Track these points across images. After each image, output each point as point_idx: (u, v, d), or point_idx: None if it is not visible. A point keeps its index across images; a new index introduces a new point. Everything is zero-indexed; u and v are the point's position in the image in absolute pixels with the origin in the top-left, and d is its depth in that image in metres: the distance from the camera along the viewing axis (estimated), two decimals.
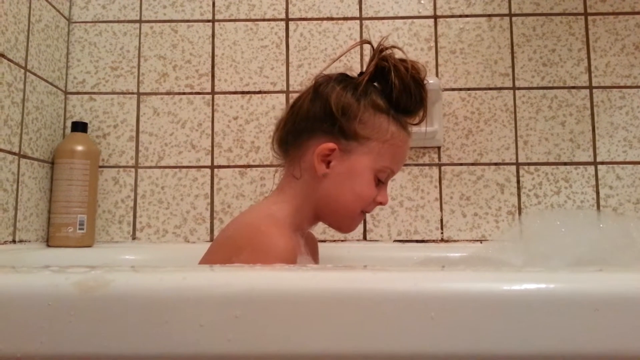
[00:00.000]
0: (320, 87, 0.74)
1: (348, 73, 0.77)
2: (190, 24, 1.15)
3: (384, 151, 0.72)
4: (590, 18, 1.13)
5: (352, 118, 0.71)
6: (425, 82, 0.74)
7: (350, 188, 0.72)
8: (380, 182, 0.74)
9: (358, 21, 1.14)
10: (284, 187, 0.76)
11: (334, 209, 0.74)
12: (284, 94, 1.12)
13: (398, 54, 0.75)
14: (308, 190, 0.73)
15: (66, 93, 1.13)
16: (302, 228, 0.76)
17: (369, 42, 0.78)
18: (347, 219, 0.75)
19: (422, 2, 1.14)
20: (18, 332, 0.37)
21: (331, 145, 0.71)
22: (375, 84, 0.75)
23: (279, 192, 0.76)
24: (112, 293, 0.38)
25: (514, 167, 1.10)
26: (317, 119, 0.72)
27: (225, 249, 0.69)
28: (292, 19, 1.15)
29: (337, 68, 0.79)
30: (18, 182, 0.93)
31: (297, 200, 0.73)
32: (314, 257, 0.86)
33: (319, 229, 1.04)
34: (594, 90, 1.11)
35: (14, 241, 0.92)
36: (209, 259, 0.73)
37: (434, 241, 1.08)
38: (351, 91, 0.72)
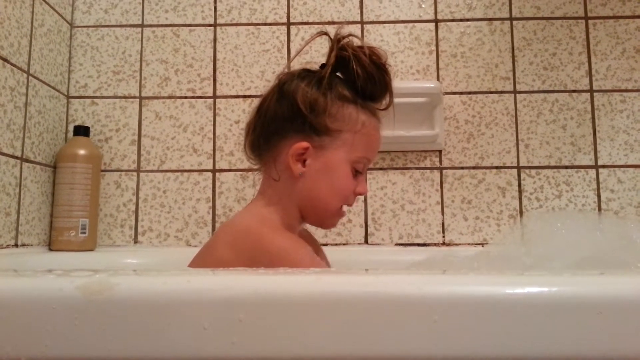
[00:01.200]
0: (285, 85, 0.72)
1: (309, 67, 0.76)
2: (192, 28, 1.15)
3: (357, 141, 0.71)
4: (590, 22, 1.13)
5: (321, 113, 0.70)
6: (387, 65, 0.73)
7: (329, 183, 0.71)
8: (357, 173, 0.74)
9: (359, 25, 1.14)
10: (266, 190, 0.75)
11: (315, 206, 0.73)
12: None
13: (357, 42, 0.73)
14: (289, 190, 0.72)
15: (68, 97, 1.13)
16: (294, 228, 0.75)
17: (327, 34, 0.76)
18: (329, 214, 0.74)
19: (423, 6, 1.15)
20: (23, 335, 0.37)
21: (304, 144, 0.70)
22: (338, 74, 0.74)
23: (263, 196, 0.75)
24: (116, 296, 0.38)
25: (515, 171, 1.10)
26: (286, 119, 0.71)
27: (232, 256, 0.68)
28: (294, 23, 1.15)
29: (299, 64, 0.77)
30: (20, 186, 0.93)
31: (282, 202, 0.73)
32: (320, 255, 0.86)
33: (321, 233, 1.04)
34: (595, 93, 1.11)
35: (16, 245, 0.92)
36: (208, 266, 0.72)
37: (435, 244, 1.08)
38: (316, 86, 0.71)
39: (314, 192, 0.72)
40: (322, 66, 0.74)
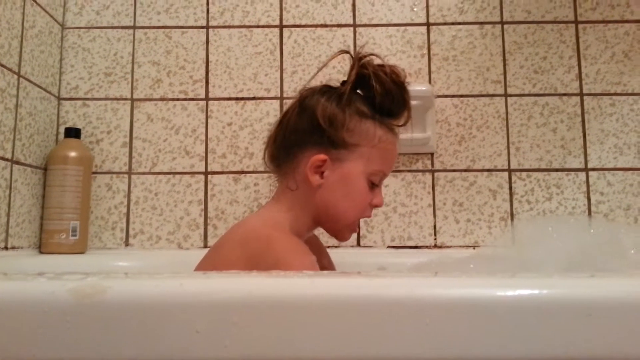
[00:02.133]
0: (306, 100, 0.75)
1: (331, 84, 0.79)
2: (185, 30, 1.15)
3: (373, 155, 0.74)
4: (580, 26, 1.14)
5: (339, 127, 0.72)
6: (406, 84, 0.76)
7: (345, 195, 0.74)
8: (374, 185, 0.76)
9: (352, 28, 1.15)
10: (280, 197, 0.77)
11: (332, 217, 0.75)
12: (278, 100, 1.13)
13: (377, 61, 0.76)
14: (305, 200, 0.75)
15: (59, 99, 1.12)
16: (302, 235, 0.77)
17: (348, 52, 0.79)
18: (345, 225, 0.76)
19: (415, 9, 1.15)
20: (14, 339, 0.37)
21: (322, 156, 0.72)
22: (358, 91, 0.77)
23: (276, 202, 0.78)
24: (108, 300, 0.38)
25: (506, 174, 1.11)
26: (306, 132, 0.74)
27: (237, 256, 0.70)
28: (286, 26, 1.15)
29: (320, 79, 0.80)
30: (11, 188, 0.93)
31: (295, 210, 0.75)
32: (322, 260, 0.87)
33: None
34: (585, 97, 1.12)
35: (6, 248, 0.91)
36: (216, 266, 0.73)
37: (427, 247, 1.09)
38: (335, 101, 0.73)
39: (331, 203, 0.74)
40: (343, 83, 0.77)
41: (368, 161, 0.74)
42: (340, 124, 0.72)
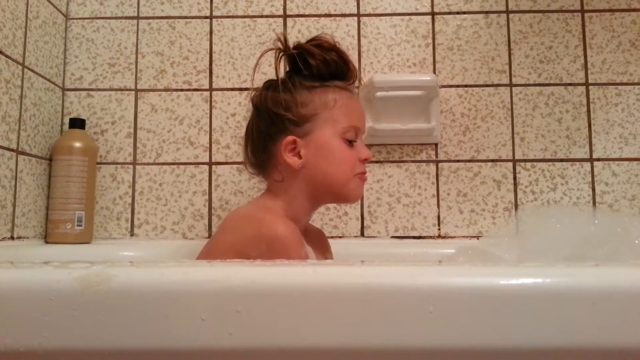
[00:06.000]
0: (256, 101, 0.80)
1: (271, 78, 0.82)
2: (188, 20, 1.15)
3: (336, 116, 0.77)
4: (586, 15, 1.13)
5: (293, 106, 0.76)
6: (336, 44, 0.79)
7: (328, 161, 0.77)
8: (352, 142, 0.78)
9: (356, 18, 1.14)
10: (272, 188, 0.80)
11: (327, 187, 0.78)
12: None
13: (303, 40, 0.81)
14: (294, 186, 0.77)
15: (64, 89, 1.12)
16: (300, 220, 0.78)
17: (272, 48, 0.83)
18: (344, 186, 0.78)
19: None
20: (21, 326, 0.38)
21: (290, 138, 0.76)
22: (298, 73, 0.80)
23: (269, 191, 0.81)
24: (114, 288, 0.38)
25: (510, 164, 1.11)
26: (269, 126, 0.78)
27: (231, 241, 0.72)
28: (290, 16, 1.15)
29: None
30: (16, 179, 0.93)
31: (288, 196, 0.78)
32: (325, 254, 0.87)
33: (317, 224, 1.04)
34: (590, 87, 1.12)
35: (12, 237, 0.92)
36: (210, 253, 0.74)
37: (431, 237, 1.09)
38: (281, 87, 0.77)
39: (319, 174, 0.77)
40: (287, 73, 0.81)
41: (333, 122, 0.76)
42: (293, 104, 0.76)
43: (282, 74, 0.82)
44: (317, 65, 0.77)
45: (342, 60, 0.79)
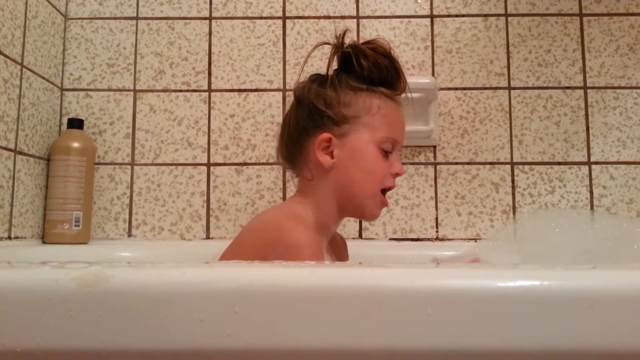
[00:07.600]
0: (299, 92, 0.78)
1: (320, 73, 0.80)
2: (187, 21, 1.15)
3: (377, 123, 0.75)
4: (585, 19, 1.14)
5: (335, 105, 0.74)
6: (391, 51, 0.77)
7: (360, 167, 0.74)
8: (387, 154, 0.76)
9: (355, 20, 1.14)
10: (302, 189, 0.78)
11: (351, 194, 0.75)
12: (281, 92, 1.12)
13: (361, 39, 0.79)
14: (324, 185, 0.75)
15: (62, 89, 1.12)
16: (328, 227, 0.77)
17: (327, 42, 0.81)
18: (368, 200, 0.75)
19: (419, 1, 1.15)
20: (18, 327, 0.38)
21: (326, 135, 0.74)
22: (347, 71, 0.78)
23: (299, 193, 0.79)
24: (112, 288, 0.38)
25: (508, 167, 1.11)
26: (307, 120, 0.76)
27: (252, 243, 0.71)
28: (289, 17, 1.15)
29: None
30: (14, 179, 0.93)
31: (317, 197, 0.76)
32: (343, 259, 0.87)
33: None
34: (589, 90, 1.12)
35: (9, 237, 0.92)
36: (232, 254, 0.74)
37: (429, 239, 1.09)
38: (327, 83, 0.76)
39: (348, 179, 0.74)
40: (334, 71, 0.78)
41: (373, 129, 0.74)
42: (336, 102, 0.74)
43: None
44: (368, 67, 0.75)
45: (394, 68, 0.77)
